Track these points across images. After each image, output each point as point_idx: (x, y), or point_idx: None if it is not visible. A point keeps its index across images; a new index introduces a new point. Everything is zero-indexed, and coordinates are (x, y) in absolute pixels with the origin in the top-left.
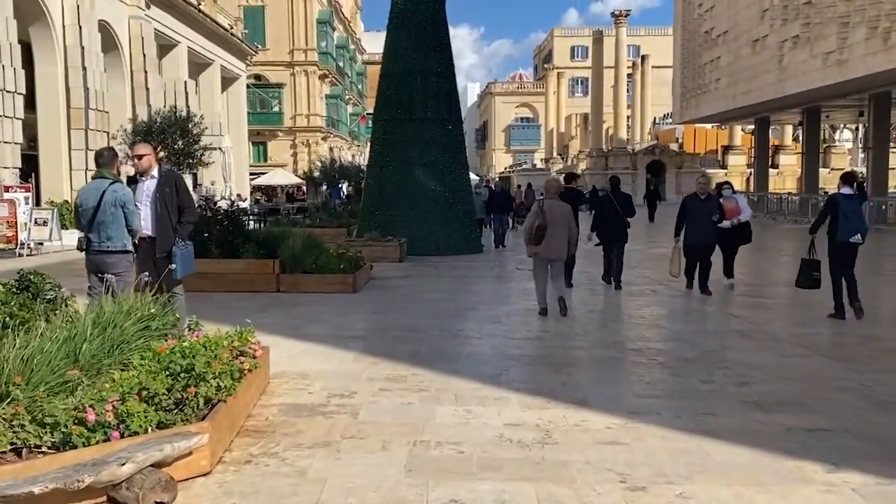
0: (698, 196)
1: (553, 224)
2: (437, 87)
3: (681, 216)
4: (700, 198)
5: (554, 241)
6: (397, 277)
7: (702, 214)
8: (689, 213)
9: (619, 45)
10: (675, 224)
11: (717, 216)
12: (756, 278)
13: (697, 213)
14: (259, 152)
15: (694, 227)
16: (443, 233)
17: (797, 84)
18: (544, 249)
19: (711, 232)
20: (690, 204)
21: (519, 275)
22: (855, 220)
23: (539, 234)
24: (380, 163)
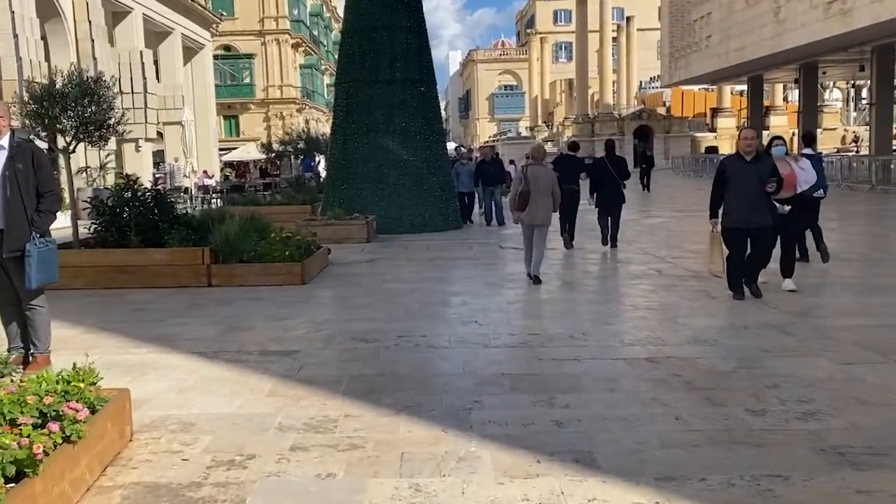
0: (742, 157)
1: (536, 190)
2: (406, 44)
3: (718, 186)
4: (745, 159)
5: (537, 208)
6: (360, 262)
7: (750, 182)
8: (731, 182)
9: (603, 7)
10: (711, 198)
11: (772, 184)
12: None
13: (743, 181)
14: (230, 126)
15: (739, 201)
16: (417, 208)
17: (796, 37)
18: (528, 216)
19: (765, 206)
20: (732, 168)
21: (502, 255)
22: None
23: (522, 200)
24: (344, 131)
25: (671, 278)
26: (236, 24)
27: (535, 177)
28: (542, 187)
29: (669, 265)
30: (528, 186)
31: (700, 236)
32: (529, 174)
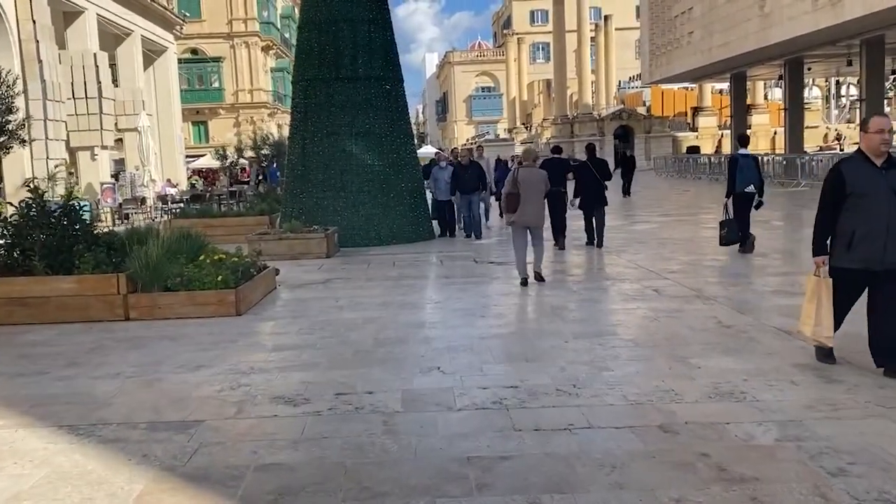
0: (870, 161)
1: (528, 192)
2: (369, 38)
3: (831, 206)
4: (874, 164)
5: (530, 209)
6: (314, 284)
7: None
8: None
9: (580, 6)
10: (818, 225)
11: None
12: (791, 263)
13: (877, 198)
14: (199, 132)
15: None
16: (383, 218)
17: (782, 31)
18: (520, 217)
19: None
20: (857, 178)
21: (477, 271)
22: (749, 173)
23: (512, 202)
24: (302, 134)
25: (672, 300)
26: (203, 26)
27: (526, 179)
28: (535, 189)
29: (667, 282)
30: (518, 188)
31: (694, 245)
32: (520, 176)
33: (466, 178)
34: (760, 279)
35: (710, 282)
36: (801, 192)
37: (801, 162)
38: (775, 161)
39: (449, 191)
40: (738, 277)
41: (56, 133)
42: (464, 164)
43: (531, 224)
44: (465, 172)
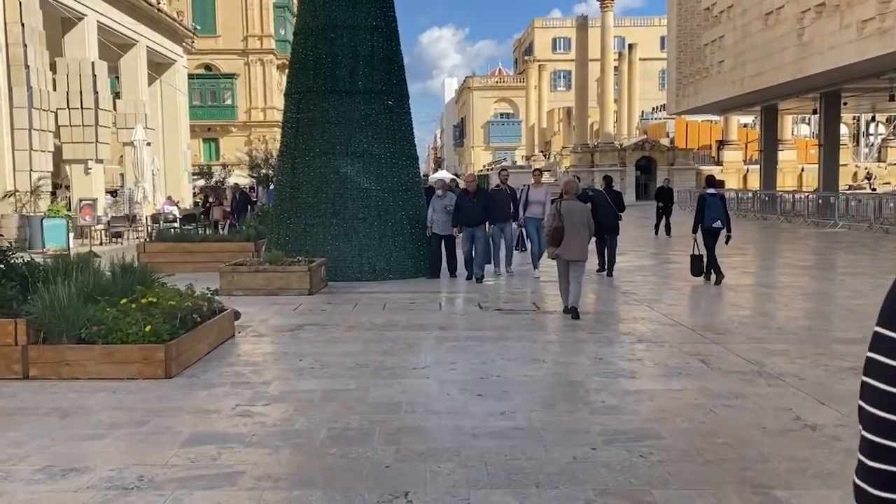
0: None
1: (571, 224)
2: (370, 48)
3: None
4: None
5: (573, 242)
6: (282, 331)
7: None
8: None
9: (605, 32)
10: None
11: None
12: (857, 327)
13: None
14: (210, 149)
15: None
16: (379, 250)
17: (823, 62)
18: (563, 251)
19: None
20: None
21: (481, 320)
22: (716, 211)
23: (556, 236)
24: (292, 152)
25: (726, 377)
26: (218, 41)
27: (569, 212)
28: (577, 221)
29: (714, 348)
30: (562, 222)
31: (738, 296)
32: (563, 209)
33: (471, 208)
34: (827, 347)
35: (767, 349)
36: (837, 234)
37: (837, 201)
38: (808, 199)
39: (448, 224)
40: (800, 343)
41: (42, 144)
42: (469, 192)
43: (574, 258)
44: (471, 201)
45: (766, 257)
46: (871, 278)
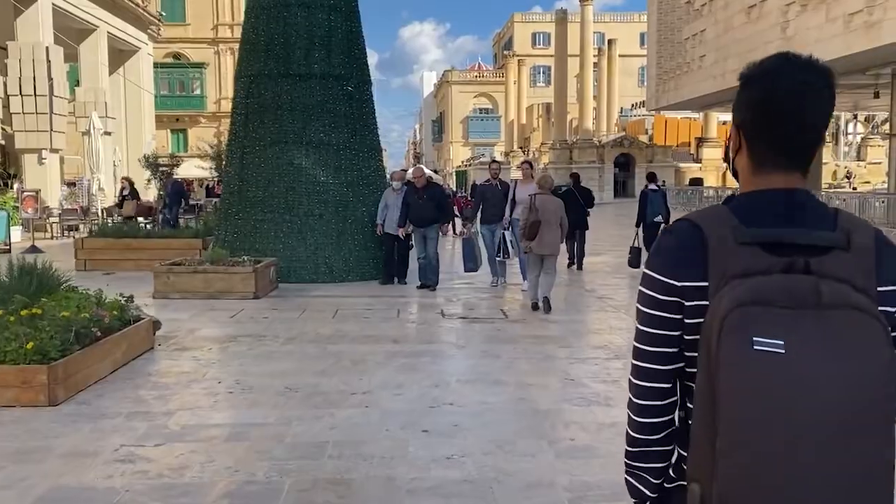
0: None
1: (546, 220)
2: (328, 28)
3: None
4: None
5: (545, 237)
6: (211, 343)
7: None
8: None
9: (584, 27)
10: None
11: None
12: None
13: None
14: (178, 140)
15: None
16: (337, 249)
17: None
18: (537, 245)
19: None
20: None
21: (439, 333)
22: (657, 205)
23: (533, 230)
24: (241, 141)
25: None
26: (187, 30)
27: (543, 206)
28: (551, 216)
29: None
30: (538, 216)
31: None
32: (538, 203)
33: (421, 206)
34: None
35: None
36: None
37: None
38: None
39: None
40: None
41: None
42: (418, 188)
43: (545, 252)
44: (419, 198)
45: None
46: None
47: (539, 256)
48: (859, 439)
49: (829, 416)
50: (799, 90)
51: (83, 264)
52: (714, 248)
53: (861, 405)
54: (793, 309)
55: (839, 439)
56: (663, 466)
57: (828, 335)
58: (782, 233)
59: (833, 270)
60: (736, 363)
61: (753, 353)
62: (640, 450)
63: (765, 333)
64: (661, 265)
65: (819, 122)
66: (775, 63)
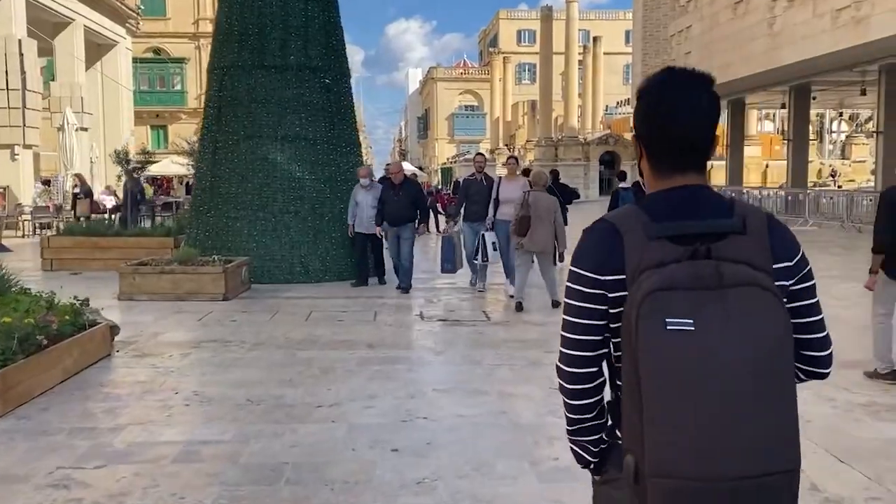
0: None
1: (537, 216)
2: (304, 17)
3: None
4: None
5: (537, 234)
6: (172, 349)
7: None
8: None
9: (569, 24)
10: None
11: None
12: None
13: None
14: (158, 136)
15: None
16: (314, 247)
17: (794, 52)
18: (528, 242)
19: None
20: None
21: (417, 338)
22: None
23: (524, 225)
24: (214, 136)
25: None
26: (168, 25)
27: (536, 203)
28: (543, 213)
29: None
30: (529, 211)
31: None
32: (531, 200)
33: (397, 203)
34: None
35: None
36: (808, 233)
37: (807, 198)
38: (777, 196)
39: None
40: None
41: None
42: (395, 184)
43: (537, 249)
44: (395, 195)
45: None
46: (855, 283)
47: (530, 254)
48: (765, 398)
49: (737, 381)
50: (680, 102)
51: (49, 264)
52: (629, 244)
53: (764, 368)
54: (698, 290)
55: (748, 400)
56: (598, 437)
57: (730, 310)
58: (685, 225)
59: (731, 253)
60: (652, 344)
61: (667, 333)
62: (577, 427)
63: (675, 314)
64: (585, 261)
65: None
66: (660, 77)
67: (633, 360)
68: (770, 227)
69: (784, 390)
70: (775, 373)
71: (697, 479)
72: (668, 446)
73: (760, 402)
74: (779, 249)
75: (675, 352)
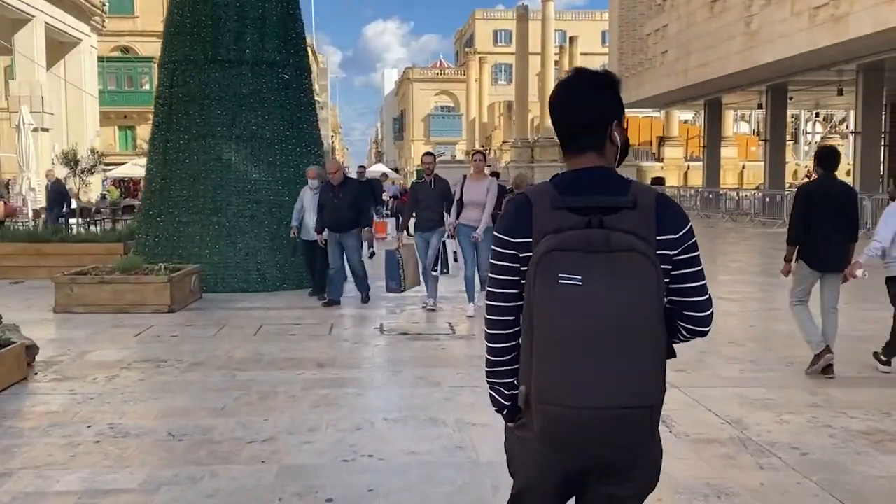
0: None
1: None
2: (261, 9)
3: None
4: None
5: None
6: (98, 371)
7: None
8: None
9: (546, 24)
10: None
11: None
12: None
13: None
14: (126, 138)
15: None
16: (271, 254)
17: (772, 51)
18: None
19: None
20: None
21: (372, 354)
22: None
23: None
24: (164, 135)
25: (703, 455)
26: (136, 23)
27: None
28: None
29: (674, 400)
30: None
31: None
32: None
33: (336, 206)
34: (820, 391)
35: (744, 395)
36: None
37: (784, 199)
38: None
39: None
40: (782, 384)
41: None
42: (334, 185)
43: None
44: (335, 197)
45: (714, 262)
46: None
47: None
48: (631, 344)
49: (609, 328)
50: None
51: None
52: (537, 213)
53: (636, 317)
54: (589, 253)
55: (614, 344)
56: (511, 381)
57: (613, 270)
58: (584, 199)
59: (621, 224)
60: (545, 294)
61: (559, 285)
62: (494, 369)
63: (567, 271)
64: (503, 227)
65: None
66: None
67: (530, 308)
68: (658, 204)
69: (648, 339)
70: (642, 324)
71: (569, 406)
72: (548, 379)
73: (626, 347)
74: (664, 224)
75: (563, 301)
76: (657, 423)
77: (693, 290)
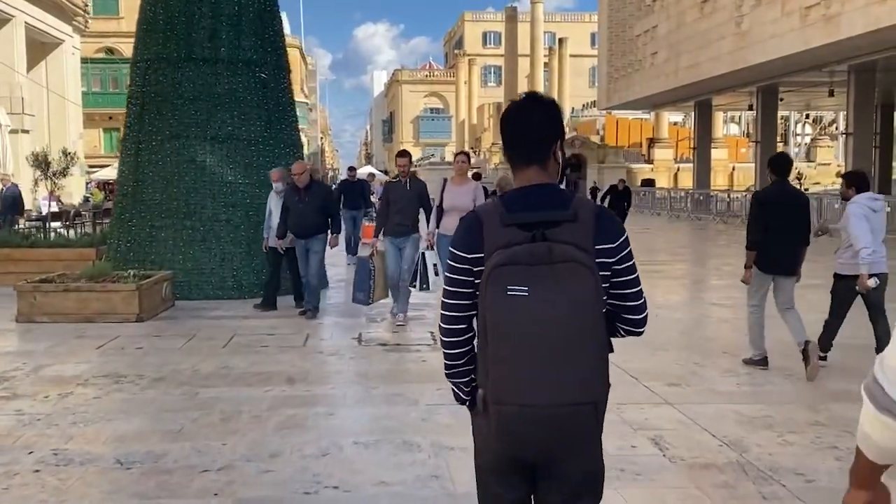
0: None
1: None
2: (237, 5)
3: None
4: None
5: None
6: (53, 387)
7: None
8: None
9: (535, 25)
10: None
11: None
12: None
13: None
14: (111, 140)
15: None
16: (247, 259)
17: (763, 51)
18: None
19: None
20: None
21: (348, 369)
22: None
23: None
24: (136, 136)
25: (700, 481)
26: (121, 24)
27: None
28: None
29: (666, 419)
30: None
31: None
32: None
33: (301, 211)
34: (822, 407)
35: (743, 413)
36: None
37: None
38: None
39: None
40: (783, 400)
41: None
42: (300, 189)
43: None
44: (300, 202)
45: (706, 265)
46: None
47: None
48: (574, 347)
49: (554, 333)
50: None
51: None
52: (487, 230)
53: (577, 323)
54: (534, 266)
55: (560, 347)
56: (469, 379)
57: (556, 279)
58: (528, 215)
59: (562, 236)
60: (496, 304)
61: (507, 297)
62: (451, 371)
63: (515, 283)
64: (457, 243)
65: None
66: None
67: (483, 317)
68: (597, 217)
69: (589, 341)
70: (584, 328)
71: (522, 405)
72: (502, 380)
73: (571, 349)
74: (602, 235)
75: (512, 310)
76: (602, 417)
77: (630, 295)
